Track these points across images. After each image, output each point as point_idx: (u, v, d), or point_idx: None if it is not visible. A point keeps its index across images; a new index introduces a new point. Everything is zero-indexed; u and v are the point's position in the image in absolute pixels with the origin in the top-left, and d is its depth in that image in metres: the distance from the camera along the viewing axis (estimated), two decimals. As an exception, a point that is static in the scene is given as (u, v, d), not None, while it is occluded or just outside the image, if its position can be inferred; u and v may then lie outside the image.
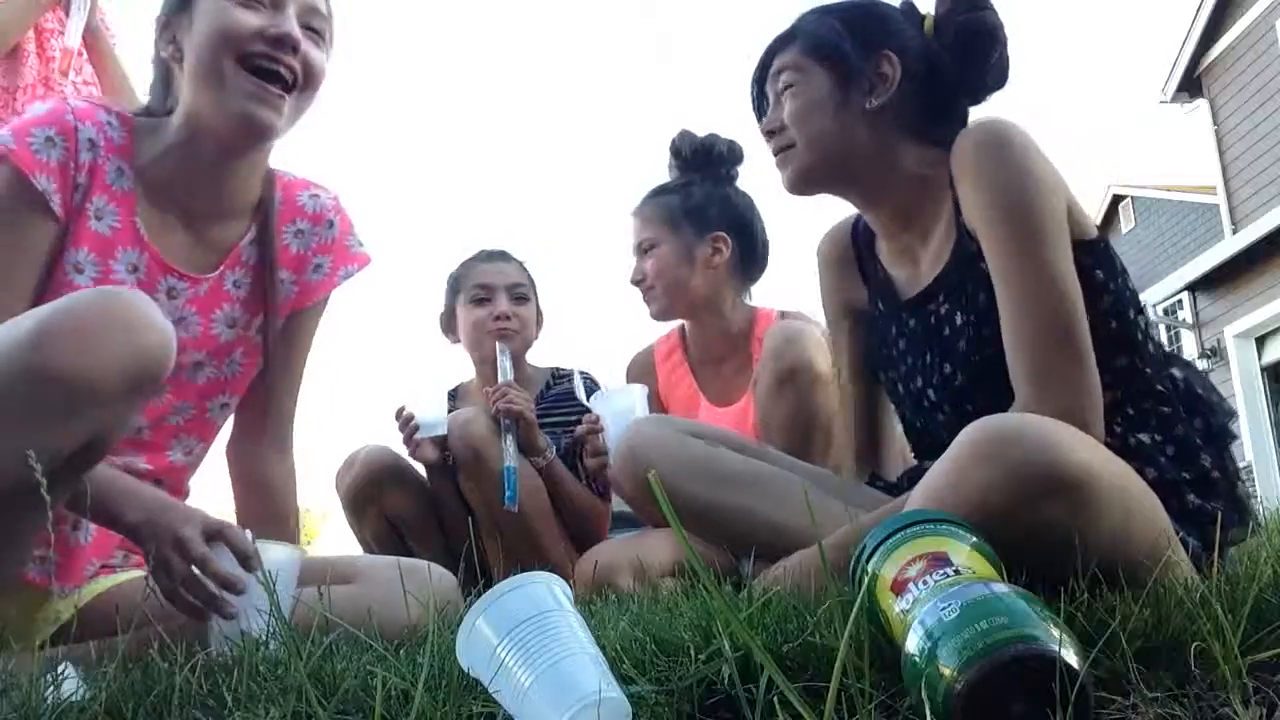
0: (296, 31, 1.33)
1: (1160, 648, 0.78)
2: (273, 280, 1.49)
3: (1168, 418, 1.25)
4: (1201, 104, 12.06)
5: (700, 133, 2.41)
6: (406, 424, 2.27)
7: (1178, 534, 1.09)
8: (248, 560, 1.22)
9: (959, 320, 1.33)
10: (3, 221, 1.31)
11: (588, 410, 2.20)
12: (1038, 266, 1.21)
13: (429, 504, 2.34)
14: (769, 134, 1.46)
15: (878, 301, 1.52)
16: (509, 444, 2.19)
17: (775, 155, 1.46)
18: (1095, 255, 1.28)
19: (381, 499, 2.29)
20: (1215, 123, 11.78)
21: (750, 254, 2.36)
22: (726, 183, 2.39)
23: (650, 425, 1.60)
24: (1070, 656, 0.64)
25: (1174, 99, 12.40)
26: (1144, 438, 1.23)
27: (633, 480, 1.54)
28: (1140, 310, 1.33)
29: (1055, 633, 0.65)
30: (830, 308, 1.62)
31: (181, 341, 1.42)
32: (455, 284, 2.55)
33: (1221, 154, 11.75)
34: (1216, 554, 1.09)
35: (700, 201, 2.32)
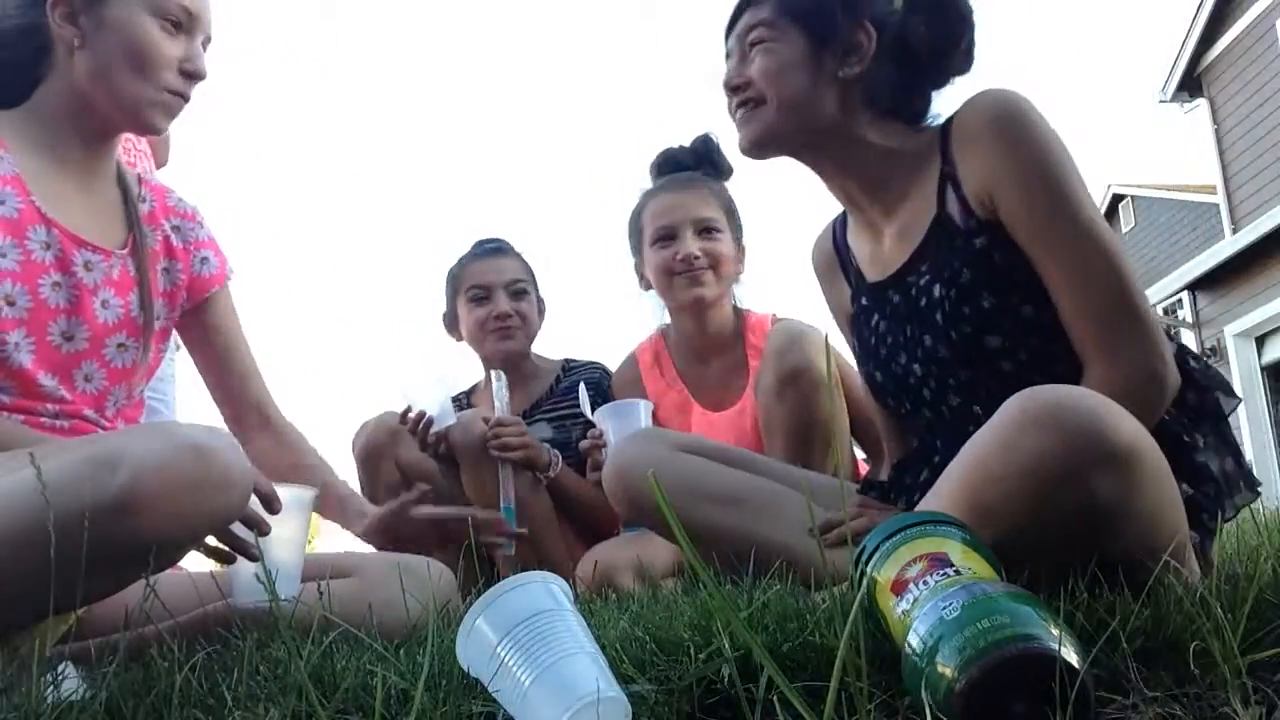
0: (206, 67, 1.47)
1: (1160, 647, 0.78)
2: (148, 263, 1.53)
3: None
4: (1201, 104, 12.05)
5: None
6: (418, 422, 2.23)
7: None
8: (270, 502, 1.25)
9: (937, 293, 1.32)
10: None
11: (591, 424, 2.19)
12: (1083, 230, 1.21)
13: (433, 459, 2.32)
14: (732, 89, 1.42)
15: (860, 297, 1.51)
16: (505, 481, 2.18)
17: (736, 111, 1.43)
18: None
19: (396, 450, 2.27)
20: (1215, 122, 11.77)
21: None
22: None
23: (636, 444, 1.57)
24: (1070, 656, 0.64)
25: (1174, 98, 12.39)
26: None
27: (625, 502, 1.54)
28: None
29: (1055, 632, 0.65)
30: (836, 315, 1.62)
31: (108, 325, 1.45)
32: (454, 282, 2.55)
33: (1221, 154, 11.74)
34: (1216, 551, 1.10)
35: (737, 210, 2.34)
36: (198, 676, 0.90)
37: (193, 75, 1.46)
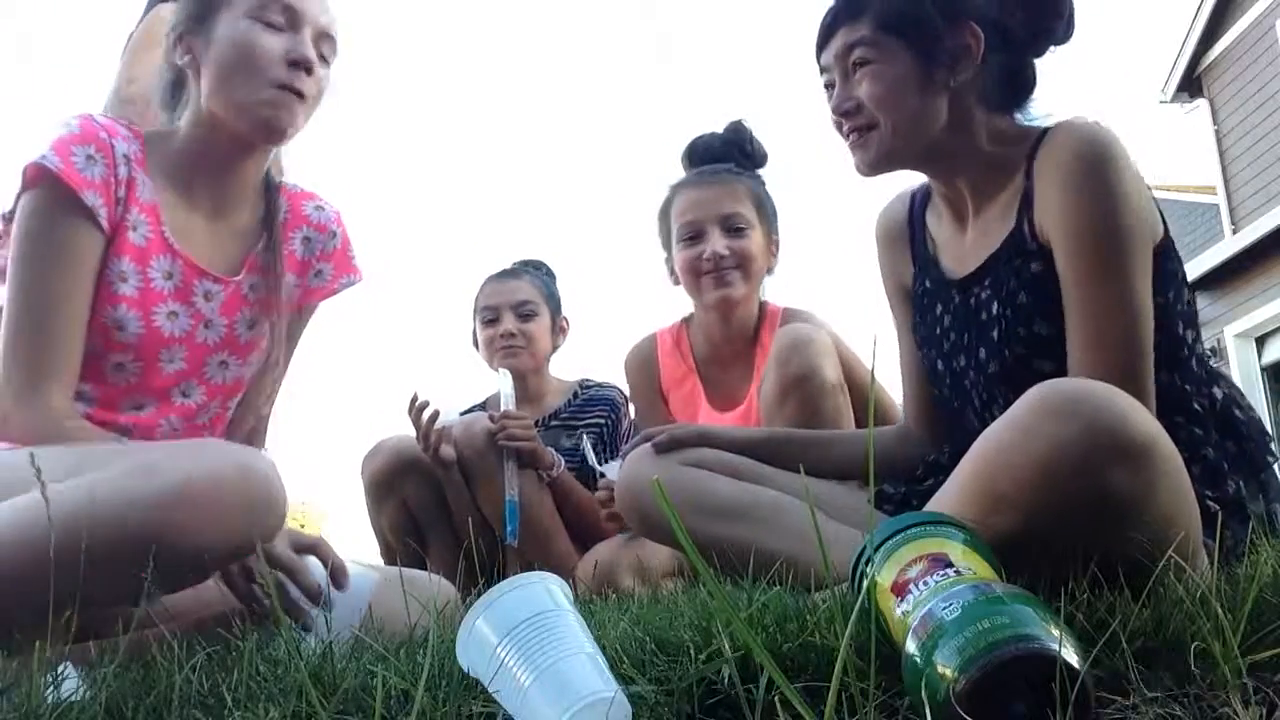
0: (313, 55, 1.45)
1: (1160, 648, 0.78)
2: (279, 285, 1.56)
3: (1198, 439, 1.25)
4: (1201, 104, 12.04)
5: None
6: (421, 412, 2.21)
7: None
8: (338, 578, 1.27)
9: (995, 310, 1.32)
10: (60, 240, 1.35)
11: (610, 435, 2.20)
12: (1119, 294, 1.21)
13: (444, 497, 2.33)
14: (843, 115, 1.39)
15: (924, 279, 1.50)
16: (510, 475, 2.19)
17: (849, 136, 1.40)
18: (1155, 264, 1.26)
19: (403, 487, 2.29)
20: (1215, 123, 11.76)
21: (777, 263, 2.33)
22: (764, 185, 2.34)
23: (644, 461, 1.56)
24: (1070, 656, 0.64)
25: (1174, 99, 12.38)
26: None
27: (637, 517, 1.57)
28: (1190, 324, 1.31)
29: (1055, 632, 0.65)
30: (888, 284, 1.61)
31: (208, 345, 1.51)
32: (474, 305, 2.63)
33: (1221, 154, 11.73)
34: (1218, 557, 1.09)
35: (771, 201, 2.27)
36: (198, 676, 0.90)
37: (298, 63, 1.42)
